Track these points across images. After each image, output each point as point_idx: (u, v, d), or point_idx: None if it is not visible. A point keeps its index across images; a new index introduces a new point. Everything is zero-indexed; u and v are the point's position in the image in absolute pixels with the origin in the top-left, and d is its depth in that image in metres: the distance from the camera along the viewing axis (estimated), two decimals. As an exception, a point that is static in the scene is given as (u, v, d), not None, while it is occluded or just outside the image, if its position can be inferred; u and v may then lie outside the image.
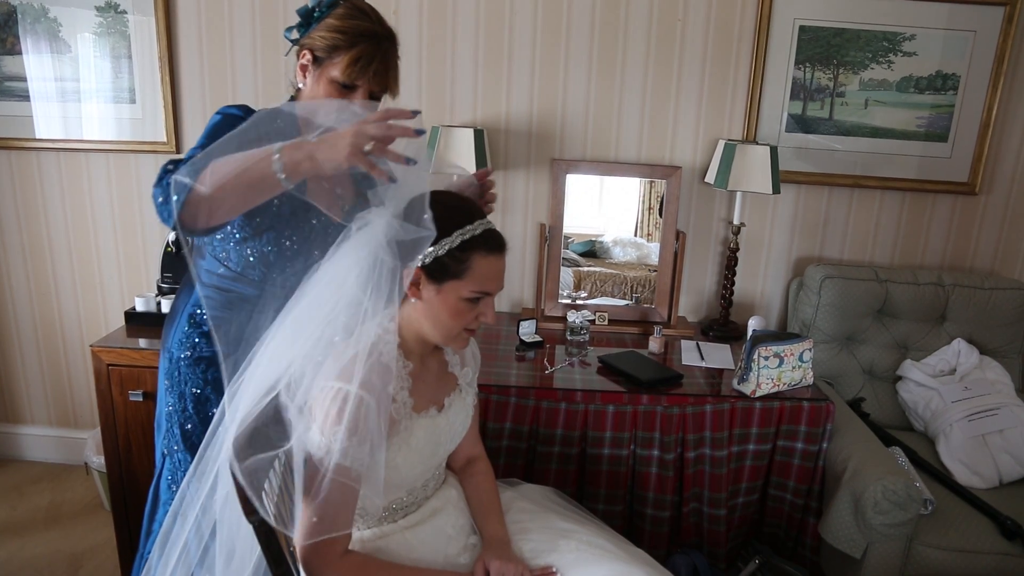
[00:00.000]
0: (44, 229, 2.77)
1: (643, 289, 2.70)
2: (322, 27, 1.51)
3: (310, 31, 1.53)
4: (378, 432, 1.25)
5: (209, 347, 1.60)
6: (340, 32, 1.50)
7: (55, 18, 2.55)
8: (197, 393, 1.62)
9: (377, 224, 1.28)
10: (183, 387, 1.62)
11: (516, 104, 2.60)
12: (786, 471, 2.13)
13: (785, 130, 2.58)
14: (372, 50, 1.51)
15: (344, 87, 1.52)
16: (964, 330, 2.50)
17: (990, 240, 2.68)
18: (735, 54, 2.53)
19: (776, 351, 2.08)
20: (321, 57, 1.52)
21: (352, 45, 1.50)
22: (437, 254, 1.28)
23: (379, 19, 1.56)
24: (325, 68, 1.52)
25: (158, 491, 1.71)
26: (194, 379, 1.61)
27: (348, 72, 1.50)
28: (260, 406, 1.28)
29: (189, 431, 1.63)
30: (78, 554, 2.43)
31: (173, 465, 1.65)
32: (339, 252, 1.30)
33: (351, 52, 1.49)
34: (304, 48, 1.54)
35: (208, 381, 1.61)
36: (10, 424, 3.00)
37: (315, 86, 1.54)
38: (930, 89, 2.52)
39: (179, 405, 1.62)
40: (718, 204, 2.67)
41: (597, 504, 2.08)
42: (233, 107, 1.55)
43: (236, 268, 1.57)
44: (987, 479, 2.15)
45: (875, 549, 1.94)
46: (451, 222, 1.29)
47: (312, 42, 1.52)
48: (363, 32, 1.51)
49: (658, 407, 2.04)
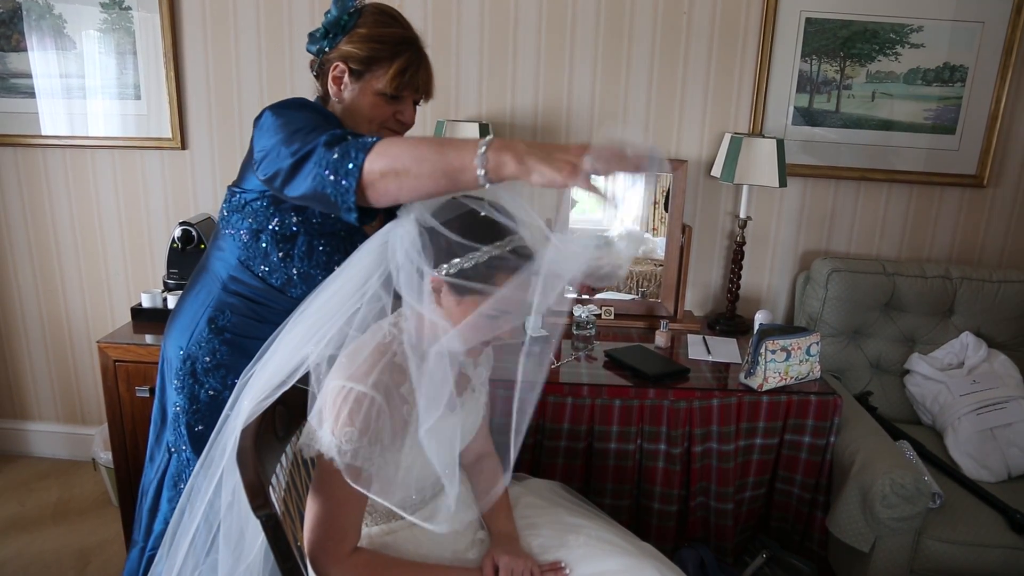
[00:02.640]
0: (50, 226, 2.78)
1: (649, 284, 2.69)
2: (354, 37, 1.47)
3: (338, 42, 1.49)
4: (389, 433, 1.24)
5: (231, 355, 1.55)
6: (378, 42, 1.47)
7: (60, 15, 2.55)
8: (213, 395, 1.57)
9: (405, 224, 1.25)
10: (196, 389, 1.57)
11: (521, 98, 2.59)
12: (793, 465, 2.13)
13: (791, 123, 2.57)
14: (415, 58, 1.49)
15: (392, 98, 1.50)
16: (972, 323, 2.49)
17: (998, 233, 2.66)
18: (741, 47, 2.52)
19: (783, 345, 2.07)
20: (359, 70, 1.48)
21: (394, 56, 1.47)
22: (463, 267, 1.21)
23: (408, 23, 1.54)
24: (368, 81, 1.49)
25: (160, 487, 1.66)
26: (212, 383, 1.57)
27: (395, 84, 1.47)
28: (272, 399, 1.28)
29: (200, 432, 1.57)
30: (86, 549, 2.44)
31: (180, 463, 1.62)
32: (364, 249, 1.29)
33: (395, 63, 1.47)
34: (336, 60, 1.50)
35: (228, 385, 1.54)
36: (18, 420, 3.01)
37: (359, 99, 1.51)
38: (938, 81, 2.51)
39: (189, 407, 1.58)
40: (724, 198, 2.66)
41: (604, 499, 2.08)
42: None
43: (276, 283, 1.54)
44: (996, 472, 2.14)
45: (883, 543, 1.94)
46: (483, 235, 1.21)
47: (346, 53, 1.48)
48: (401, 40, 1.48)
49: (665, 401, 2.04)
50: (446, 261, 1.21)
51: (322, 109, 1.48)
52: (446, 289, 1.24)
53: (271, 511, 1.21)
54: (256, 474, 1.21)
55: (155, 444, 1.70)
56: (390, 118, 1.53)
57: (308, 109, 1.43)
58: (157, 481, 1.68)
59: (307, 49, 1.55)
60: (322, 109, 1.48)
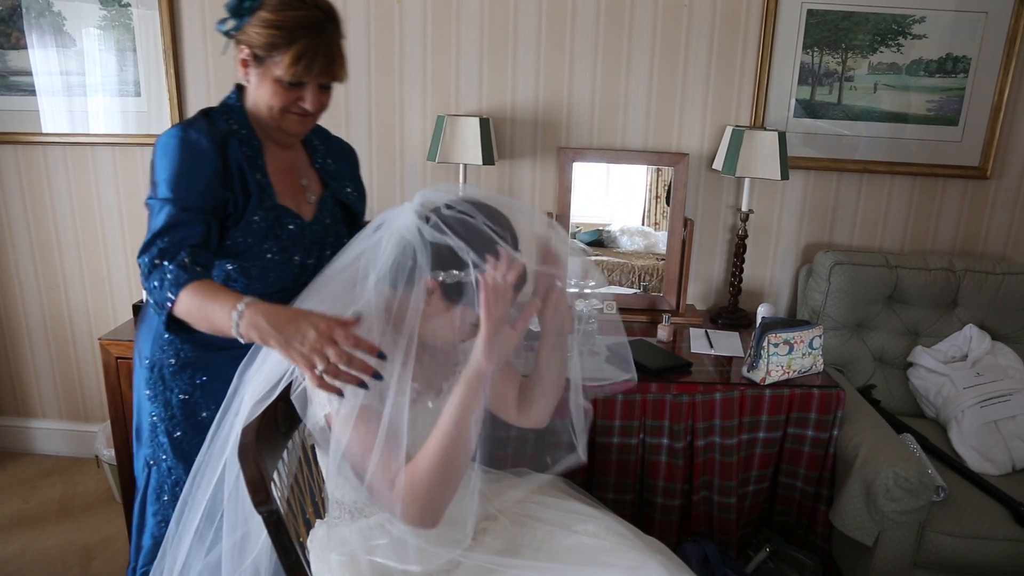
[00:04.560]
0: (51, 223, 2.78)
1: (651, 278, 2.69)
2: (256, 21, 1.41)
3: (244, 24, 1.43)
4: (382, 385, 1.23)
5: (195, 350, 1.54)
6: (276, 28, 1.39)
7: (59, 12, 2.54)
8: (185, 399, 1.55)
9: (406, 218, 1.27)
10: (168, 395, 1.55)
11: (522, 92, 2.58)
12: (797, 459, 2.12)
13: (793, 115, 2.56)
14: (314, 44, 1.41)
15: (291, 85, 1.44)
16: (976, 316, 2.48)
17: (1002, 225, 2.65)
18: (742, 39, 2.51)
19: (786, 338, 2.07)
20: (261, 55, 1.43)
21: (292, 41, 1.39)
22: (460, 278, 1.24)
23: (319, 3, 1.45)
24: (267, 67, 1.43)
25: (144, 504, 1.65)
26: (180, 385, 1.55)
27: (292, 71, 1.41)
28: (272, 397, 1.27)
29: (179, 438, 1.57)
30: (90, 546, 2.44)
31: (160, 475, 1.60)
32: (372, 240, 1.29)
33: (292, 49, 1.40)
34: (241, 44, 1.45)
35: (196, 386, 1.55)
36: (21, 418, 3.01)
37: (260, 86, 1.46)
38: (940, 72, 2.49)
39: (165, 413, 1.56)
40: (726, 191, 2.65)
41: (607, 493, 2.08)
42: (192, 128, 1.45)
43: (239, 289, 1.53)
44: (1000, 465, 2.13)
45: (887, 536, 1.93)
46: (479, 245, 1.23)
47: (248, 38, 1.43)
48: (301, 24, 1.40)
49: (667, 395, 2.03)
50: (444, 269, 1.24)
51: (196, 144, 1.42)
52: (439, 295, 1.26)
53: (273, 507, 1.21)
54: (258, 469, 1.21)
55: (135, 463, 1.70)
56: (292, 104, 1.48)
57: (178, 153, 1.41)
58: (141, 497, 1.66)
59: (217, 29, 1.48)
60: (196, 144, 1.42)
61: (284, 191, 1.56)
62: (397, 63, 2.56)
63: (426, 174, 2.66)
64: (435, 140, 2.43)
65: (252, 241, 1.49)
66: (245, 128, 1.52)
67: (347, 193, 1.72)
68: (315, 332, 1.17)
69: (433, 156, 2.44)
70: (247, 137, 1.51)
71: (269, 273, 1.54)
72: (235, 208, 1.46)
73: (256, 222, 1.48)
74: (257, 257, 1.51)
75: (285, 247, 1.54)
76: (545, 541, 1.43)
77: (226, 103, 1.54)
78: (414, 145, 2.64)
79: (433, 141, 2.46)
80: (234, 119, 1.52)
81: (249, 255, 1.50)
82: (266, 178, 1.52)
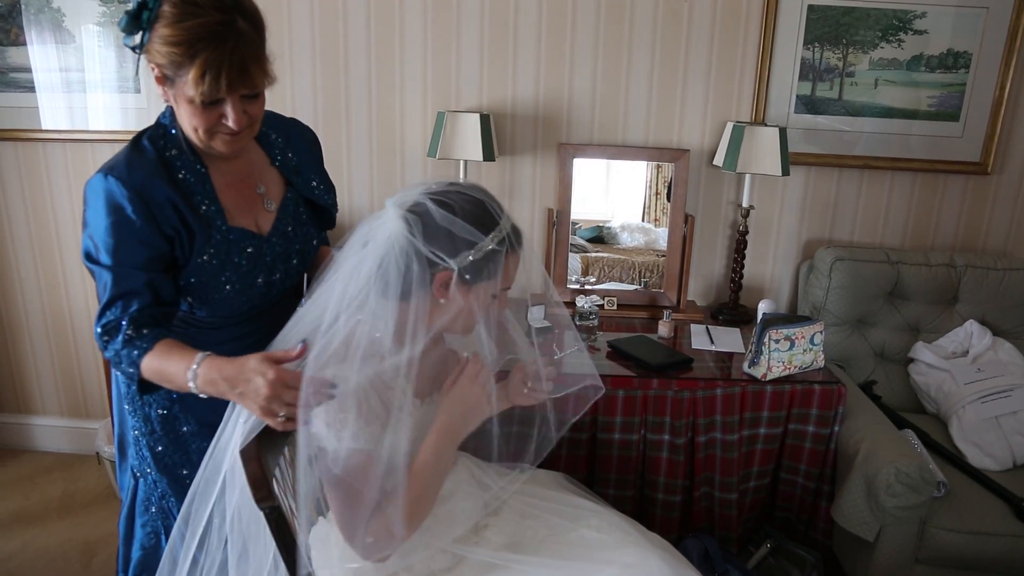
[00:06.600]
0: (52, 220, 2.77)
1: (651, 274, 2.69)
2: (156, 36, 1.24)
3: (147, 39, 1.26)
4: (384, 411, 1.23)
5: None
6: (174, 44, 1.22)
7: (59, 8, 2.54)
8: (163, 414, 1.51)
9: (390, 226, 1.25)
10: (147, 410, 1.51)
11: (522, 88, 2.58)
12: (798, 455, 2.12)
13: (794, 111, 2.55)
14: (217, 55, 1.22)
15: (208, 104, 1.27)
16: (977, 311, 2.48)
17: (1003, 220, 2.65)
18: (743, 35, 2.51)
19: (787, 334, 2.07)
20: (170, 75, 1.27)
21: (193, 56, 1.22)
22: (474, 258, 1.25)
23: (212, 3, 1.24)
24: (179, 87, 1.27)
25: (133, 515, 1.62)
26: (158, 400, 1.50)
27: (199, 90, 1.23)
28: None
29: (161, 453, 1.53)
30: (91, 543, 2.45)
31: (147, 487, 1.58)
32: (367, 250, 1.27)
33: (195, 66, 1.22)
34: (151, 62, 1.28)
35: (174, 400, 1.50)
36: (22, 415, 3.01)
37: (178, 107, 1.31)
38: (941, 68, 2.49)
39: (145, 428, 1.52)
40: (726, 187, 2.65)
41: (608, 489, 2.08)
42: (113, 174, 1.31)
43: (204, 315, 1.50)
44: (1000, 461, 2.14)
45: (888, 532, 1.94)
46: (483, 223, 1.26)
47: (153, 57, 1.26)
48: (200, 35, 1.22)
49: (668, 391, 2.03)
50: (454, 255, 1.24)
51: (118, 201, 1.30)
52: (457, 282, 1.26)
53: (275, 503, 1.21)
54: (259, 466, 1.21)
55: (120, 474, 1.68)
56: (215, 123, 1.31)
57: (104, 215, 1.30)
58: (128, 508, 1.64)
59: (124, 44, 1.32)
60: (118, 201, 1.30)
61: (238, 206, 1.45)
62: (397, 59, 2.55)
63: (426, 170, 2.66)
64: (435, 136, 2.43)
65: (207, 278, 1.40)
66: (183, 151, 1.39)
67: (312, 189, 1.59)
68: (263, 380, 1.19)
69: (433, 152, 2.43)
70: (188, 162, 1.39)
71: (232, 300, 1.47)
72: (182, 250, 1.37)
73: (206, 261, 1.38)
74: (216, 290, 1.43)
75: (245, 273, 1.45)
76: (548, 536, 1.43)
77: (160, 123, 1.41)
78: (414, 141, 2.64)
79: (433, 137, 2.45)
80: (170, 142, 1.39)
81: (208, 289, 1.42)
82: (215, 203, 1.40)
